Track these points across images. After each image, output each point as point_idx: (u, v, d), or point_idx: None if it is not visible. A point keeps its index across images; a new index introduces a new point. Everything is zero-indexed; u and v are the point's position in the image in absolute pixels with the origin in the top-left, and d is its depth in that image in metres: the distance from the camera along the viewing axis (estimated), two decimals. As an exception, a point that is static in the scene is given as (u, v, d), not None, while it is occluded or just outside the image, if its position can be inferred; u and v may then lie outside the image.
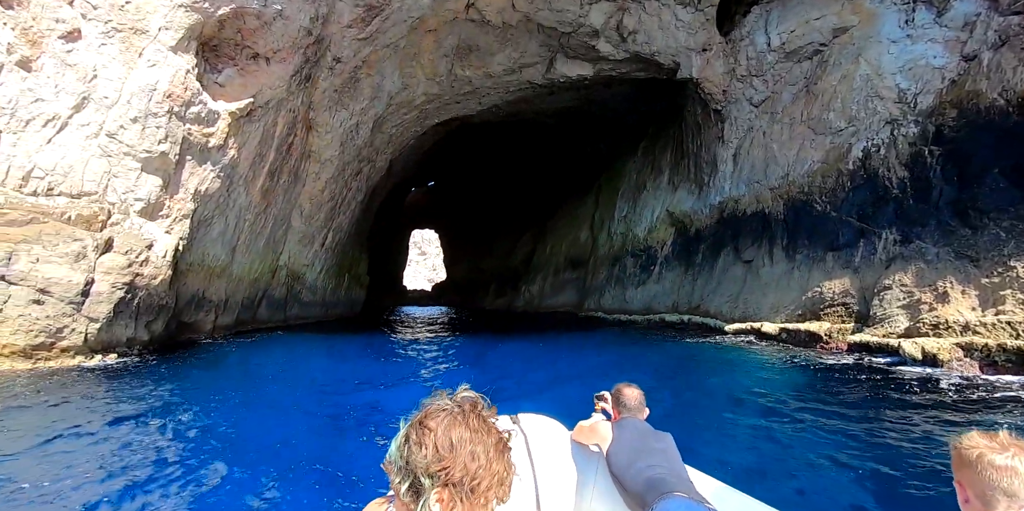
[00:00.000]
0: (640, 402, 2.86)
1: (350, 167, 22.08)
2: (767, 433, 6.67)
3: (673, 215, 23.65)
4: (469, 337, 20.79)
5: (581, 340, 18.61)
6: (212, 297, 16.69)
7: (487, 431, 1.14)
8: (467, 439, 1.10)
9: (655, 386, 9.96)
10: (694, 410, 8.26)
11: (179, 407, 7.84)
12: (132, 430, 6.54)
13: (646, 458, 2.47)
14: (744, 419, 7.51)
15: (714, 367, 12.02)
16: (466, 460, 1.08)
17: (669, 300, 22.19)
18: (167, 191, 13.97)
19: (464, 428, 1.11)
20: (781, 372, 10.59)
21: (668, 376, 11.20)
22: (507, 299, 41.75)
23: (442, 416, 1.13)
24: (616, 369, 12.97)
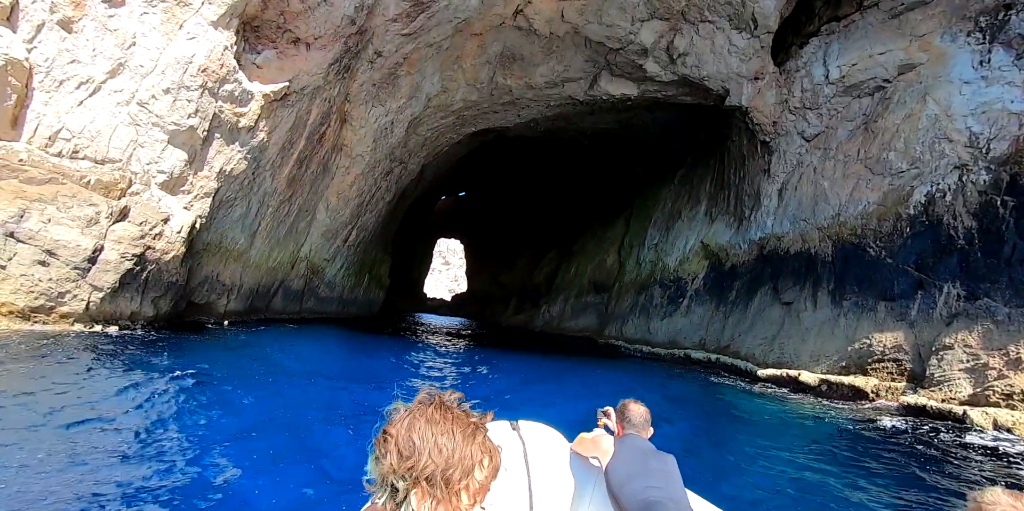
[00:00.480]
0: (645, 420, 2.71)
1: (381, 165, 21.55)
2: (804, 501, 5.53)
3: (708, 247, 22.45)
4: (485, 353, 19.78)
5: (600, 369, 17.44)
6: (226, 280, 16.08)
7: (451, 419, 1.08)
8: (429, 432, 1.04)
9: (680, 433, 8.84)
10: (718, 462, 7.12)
11: (164, 384, 7.03)
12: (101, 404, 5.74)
13: (644, 478, 2.32)
14: (776, 479, 6.36)
15: (745, 416, 10.78)
16: (432, 453, 1.02)
17: (696, 336, 20.88)
18: (191, 167, 13.46)
19: (424, 422, 1.06)
20: (824, 430, 9.32)
21: (693, 423, 10.03)
22: (526, 316, 40.65)
23: (399, 418, 1.07)
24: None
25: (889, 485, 6.18)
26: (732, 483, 5.95)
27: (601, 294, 32.67)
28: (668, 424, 9.04)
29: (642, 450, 2.52)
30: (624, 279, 29.89)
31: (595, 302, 32.87)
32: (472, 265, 60.81)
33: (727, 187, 22.74)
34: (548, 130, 33.46)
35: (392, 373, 12.90)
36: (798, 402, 12.24)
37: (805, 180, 17.54)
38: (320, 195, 19.90)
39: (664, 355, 21.61)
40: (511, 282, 47.53)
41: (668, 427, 8.76)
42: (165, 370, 8.16)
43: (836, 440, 8.49)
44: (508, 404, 10.55)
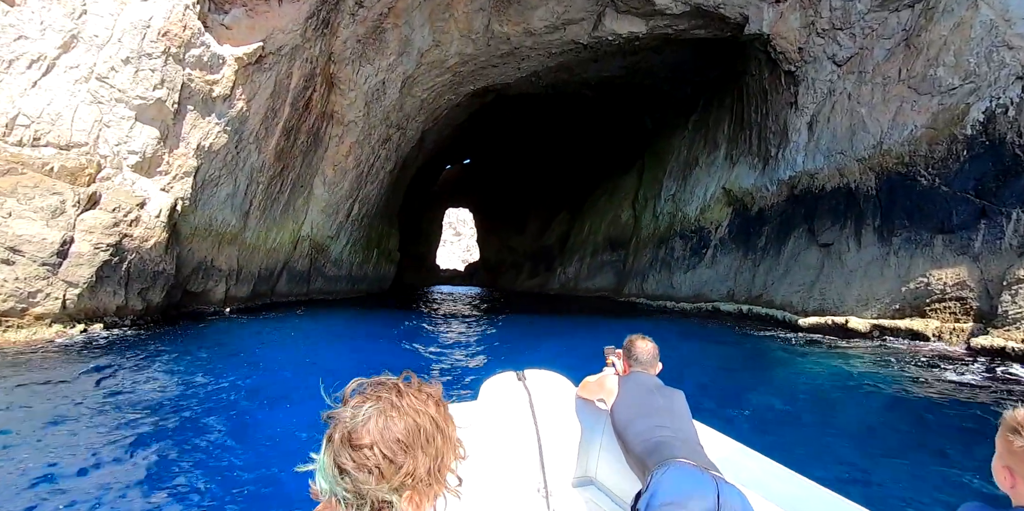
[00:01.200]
0: (653, 356, 2.57)
1: (377, 132, 20.04)
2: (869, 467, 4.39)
3: (731, 193, 20.92)
4: (500, 319, 18.75)
5: (624, 328, 16.31)
6: (222, 266, 15.00)
7: (422, 401, 0.92)
8: (413, 427, 0.89)
9: (717, 390, 7.73)
10: (763, 425, 6.00)
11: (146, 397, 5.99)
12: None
13: (650, 417, 2.22)
14: (845, 445, 5.24)
15: (793, 370, 9.62)
16: (424, 450, 0.89)
17: (724, 287, 19.63)
18: (165, 145, 12.16)
19: (399, 416, 0.88)
20: (888, 381, 8.14)
21: (732, 378, 8.89)
22: (540, 280, 39.61)
23: (369, 420, 0.87)
24: (668, 363, 10.68)
25: (977, 441, 5.02)
26: (793, 452, 4.81)
27: (617, 251, 31.38)
28: (705, 382, 7.94)
29: (647, 387, 2.40)
30: (641, 234, 28.50)
31: (611, 260, 31.62)
32: (482, 233, 59.50)
33: (748, 127, 21.00)
34: (550, 84, 31.47)
35: (399, 354, 11.88)
36: (850, 351, 11.05)
37: (839, 109, 15.82)
38: (315, 168, 18.54)
39: (690, 310, 20.46)
40: (523, 246, 46.30)
41: (705, 383, 7.67)
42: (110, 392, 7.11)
43: (906, 392, 7.31)
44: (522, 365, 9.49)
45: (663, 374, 2.60)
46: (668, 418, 2.23)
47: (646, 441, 2.13)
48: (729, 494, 1.84)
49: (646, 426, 2.19)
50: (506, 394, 2.73)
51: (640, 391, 2.39)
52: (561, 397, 2.78)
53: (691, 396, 2.47)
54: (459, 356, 10.75)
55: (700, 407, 6.81)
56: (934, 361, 9.64)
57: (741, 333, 14.35)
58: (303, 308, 18.49)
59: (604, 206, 33.83)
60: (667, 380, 2.56)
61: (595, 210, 34.75)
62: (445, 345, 12.24)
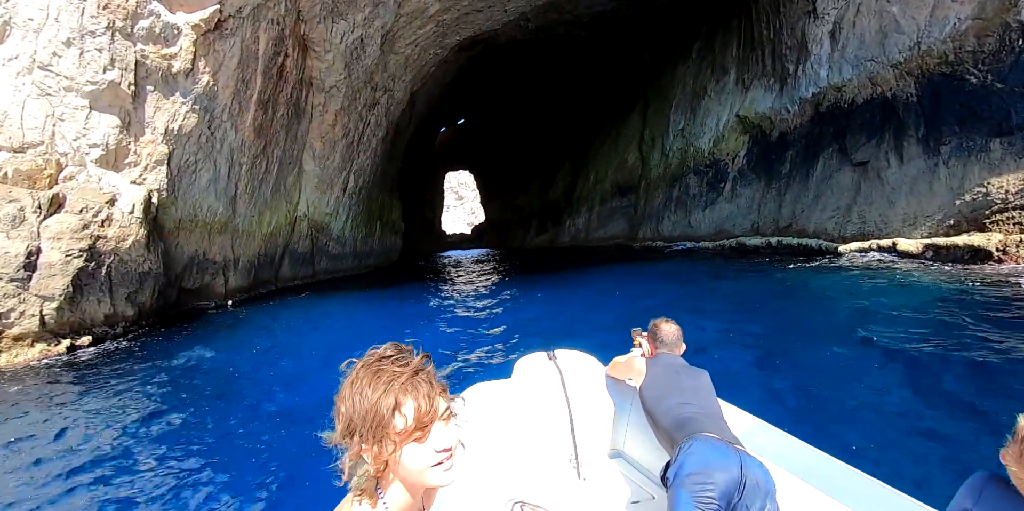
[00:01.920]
0: (677, 337, 2.68)
1: (362, 96, 18.54)
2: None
3: (746, 120, 19.37)
4: (514, 282, 17.83)
5: (640, 274, 15.33)
6: (216, 257, 14.06)
7: (373, 373, 1.01)
8: (358, 388, 1.00)
9: (754, 328, 6.77)
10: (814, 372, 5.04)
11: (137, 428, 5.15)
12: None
13: (677, 395, 2.34)
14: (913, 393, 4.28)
15: (846, 300, 8.60)
16: (356, 403, 0.99)
17: (747, 221, 18.45)
18: (129, 132, 10.95)
19: (351, 383, 1.02)
20: (955, 303, 7.11)
21: (774, 316, 7.92)
22: (550, 236, 38.53)
23: (343, 388, 1.03)
24: (697, 304, 9.76)
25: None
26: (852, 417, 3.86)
27: (627, 196, 30.05)
28: (757, 331, 6.98)
29: (674, 368, 2.50)
30: (650, 175, 27.09)
31: (622, 206, 30.33)
32: (485, 193, 58.04)
33: (759, 46, 19.20)
34: (540, 27, 29.33)
35: (415, 333, 11.02)
36: (902, 273, 9.99)
37: (865, 12, 14.09)
38: (301, 143, 17.23)
39: (712, 248, 19.38)
40: (528, 203, 44.97)
41: (748, 330, 6.73)
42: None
43: (980, 316, 6.29)
44: (543, 332, 8.84)
45: (687, 354, 2.69)
46: (694, 396, 2.32)
47: (675, 417, 2.22)
48: (751, 465, 1.94)
49: (674, 403, 2.29)
50: (538, 372, 2.84)
51: (667, 371, 2.49)
52: (591, 375, 2.88)
53: (746, 346, 2.55)
54: (482, 333, 9.85)
55: (767, 362, 5.61)
56: (1002, 276, 8.58)
57: (776, 266, 13.31)
58: (308, 291, 17.67)
59: (609, 152, 32.22)
60: (713, 330, 1.93)
61: (600, 157, 33.16)
62: (463, 321, 11.34)
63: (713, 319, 8.24)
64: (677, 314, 2.92)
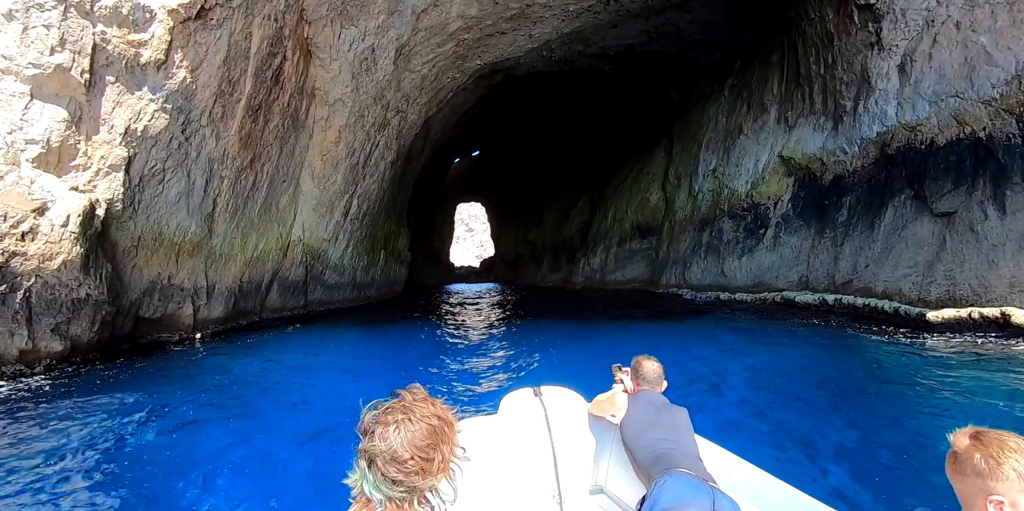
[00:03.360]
0: (659, 375, 2.70)
1: (371, 114, 16.72)
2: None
3: (791, 161, 17.31)
4: (520, 326, 15.44)
5: (672, 333, 12.91)
6: (185, 283, 11.85)
7: (426, 405, 1.27)
8: (430, 430, 1.23)
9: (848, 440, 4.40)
10: None
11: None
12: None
13: (656, 431, 2.36)
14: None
15: (965, 396, 6.19)
16: (442, 441, 1.24)
17: (794, 273, 16.09)
18: (79, 129, 8.96)
19: (417, 428, 1.22)
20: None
21: (872, 420, 5.51)
22: (563, 274, 36.21)
23: (400, 440, 1.19)
24: (750, 393, 7.37)
25: None
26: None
27: (648, 238, 27.86)
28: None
29: (655, 405, 2.53)
30: (675, 217, 24.94)
31: (642, 248, 28.11)
32: (496, 226, 56.17)
33: (807, 82, 17.33)
34: (563, 59, 27.97)
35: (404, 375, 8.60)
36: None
37: (944, 42, 12.15)
38: (299, 159, 15.30)
39: (751, 302, 16.96)
40: (540, 239, 42.88)
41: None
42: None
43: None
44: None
45: (668, 392, 2.68)
46: (672, 432, 2.35)
47: (652, 453, 2.24)
48: (723, 503, 1.96)
49: (652, 439, 2.31)
50: (523, 409, 2.86)
51: (648, 408, 2.50)
52: (574, 412, 2.90)
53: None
54: (482, 394, 7.43)
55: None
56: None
57: (843, 333, 10.87)
58: (297, 324, 15.34)
59: (629, 190, 30.27)
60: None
61: (619, 195, 31.19)
62: (461, 375, 8.93)
63: (777, 422, 5.83)
64: (728, 409, 3.11)
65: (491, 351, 11.22)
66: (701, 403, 6.53)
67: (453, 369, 9.43)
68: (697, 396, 6.92)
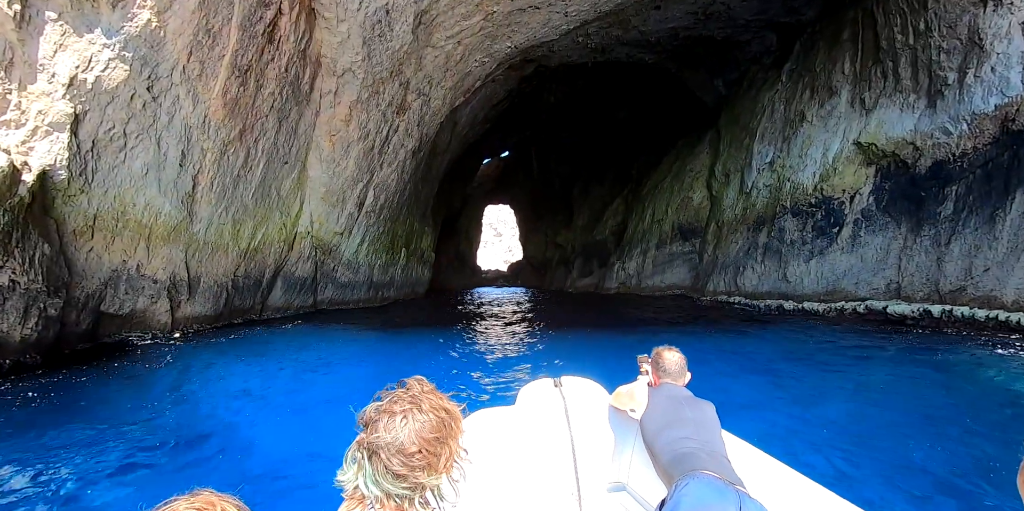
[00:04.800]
0: (681, 367, 2.47)
1: (387, 90, 14.69)
2: None
3: (871, 148, 14.59)
4: (550, 336, 13.11)
5: (738, 351, 10.39)
6: (159, 273, 9.93)
7: (435, 397, 1.20)
8: (439, 422, 1.15)
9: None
10: None
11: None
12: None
13: (677, 428, 2.14)
14: None
15: None
16: (450, 436, 1.17)
17: (879, 279, 13.32)
18: (8, 75, 7.09)
19: (426, 419, 1.14)
20: None
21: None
22: (595, 279, 33.69)
23: (408, 431, 1.11)
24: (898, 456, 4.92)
25: None
26: None
27: (690, 240, 25.21)
28: None
29: (677, 399, 2.33)
30: (722, 217, 22.26)
31: (684, 251, 25.44)
32: (525, 229, 53.93)
33: (889, 56, 14.61)
34: (600, 47, 25.72)
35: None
36: None
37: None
38: (303, 138, 13.35)
39: (823, 312, 14.22)
40: (571, 242, 40.43)
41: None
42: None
43: None
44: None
45: (692, 384, 2.43)
46: (695, 430, 2.14)
47: (673, 452, 2.06)
48: (751, 508, 1.75)
49: (674, 436, 2.12)
50: (543, 400, 2.68)
51: (669, 403, 2.31)
52: (595, 404, 2.73)
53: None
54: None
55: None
56: None
57: (975, 355, 8.20)
58: (298, 322, 13.34)
59: (669, 189, 27.65)
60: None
61: (658, 195, 28.59)
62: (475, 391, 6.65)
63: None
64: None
65: (511, 366, 8.92)
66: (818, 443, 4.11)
67: (464, 386, 7.16)
68: (805, 430, 4.51)
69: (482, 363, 9.04)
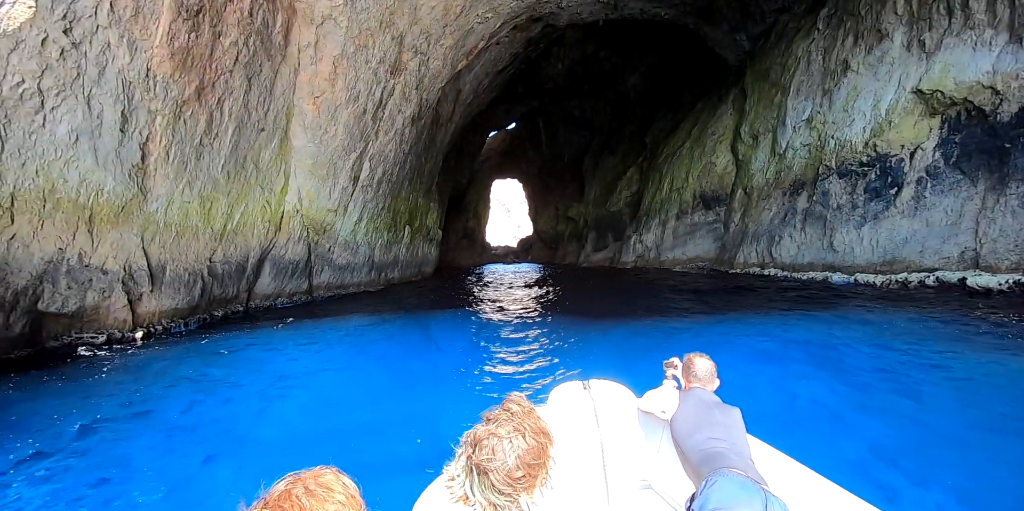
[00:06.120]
0: (711, 373, 2.49)
1: (378, 45, 12.68)
2: None
3: (935, 95, 12.44)
4: (568, 325, 11.43)
5: (802, 333, 8.63)
6: (108, 263, 8.27)
7: (534, 419, 1.35)
8: (539, 447, 1.32)
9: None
10: None
11: None
12: None
13: (707, 430, 2.19)
14: None
15: None
16: (547, 456, 1.33)
17: (951, 246, 11.40)
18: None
19: (528, 446, 1.29)
20: None
21: None
22: (609, 252, 31.87)
23: (515, 457, 1.26)
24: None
25: None
26: None
27: (714, 209, 23.20)
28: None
29: (707, 403, 2.36)
30: (750, 182, 20.20)
31: (707, 221, 23.46)
32: (534, 203, 51.86)
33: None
34: (612, 3, 23.29)
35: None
36: None
37: None
38: (282, 101, 11.47)
39: (881, 284, 12.36)
40: (583, 215, 38.45)
41: None
42: None
43: None
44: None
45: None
46: (724, 432, 2.17)
47: (703, 451, 2.10)
48: (775, 505, 1.81)
49: (704, 437, 2.15)
50: (573, 401, 2.74)
51: (700, 405, 2.33)
52: (624, 406, 2.76)
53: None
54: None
55: None
56: None
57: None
58: (291, 318, 11.74)
59: (688, 155, 25.47)
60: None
61: (676, 162, 26.41)
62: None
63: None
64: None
65: (534, 361, 7.23)
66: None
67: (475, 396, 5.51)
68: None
69: (501, 360, 7.38)
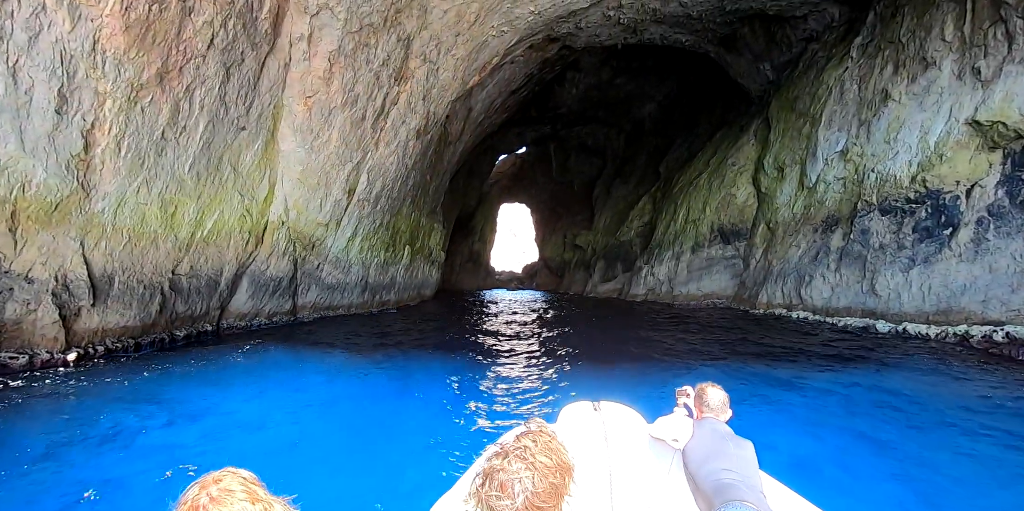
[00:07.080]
0: (723, 403, 2.44)
1: (382, 44, 11.53)
2: None
3: (995, 127, 11.06)
4: (577, 365, 9.84)
5: (867, 392, 7.02)
6: (33, 269, 6.83)
7: (551, 452, 1.23)
8: (560, 482, 1.20)
9: None
10: None
11: None
12: None
13: (721, 461, 2.13)
14: None
15: None
16: (565, 486, 1.22)
17: (1020, 297, 9.80)
18: None
19: (547, 481, 1.17)
20: None
21: None
22: (618, 284, 30.27)
23: (539, 491, 1.15)
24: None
25: None
26: None
27: (733, 243, 21.73)
28: None
29: (720, 434, 2.33)
30: (775, 217, 18.76)
31: (726, 256, 21.95)
32: (542, 229, 50.54)
33: (1016, 12, 11.11)
34: (633, 24, 22.38)
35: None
36: None
37: None
38: (268, 97, 10.22)
39: (935, 336, 10.72)
40: (591, 243, 37.00)
41: None
42: None
43: None
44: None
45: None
46: (738, 464, 2.14)
47: (716, 482, 2.05)
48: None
49: (717, 468, 2.11)
50: (582, 421, 2.66)
51: (714, 436, 2.30)
52: (634, 431, 2.65)
53: None
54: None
55: None
56: None
57: None
58: (259, 341, 10.19)
59: (706, 186, 24.14)
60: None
61: (692, 193, 25.07)
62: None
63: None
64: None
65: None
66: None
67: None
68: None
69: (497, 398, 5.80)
